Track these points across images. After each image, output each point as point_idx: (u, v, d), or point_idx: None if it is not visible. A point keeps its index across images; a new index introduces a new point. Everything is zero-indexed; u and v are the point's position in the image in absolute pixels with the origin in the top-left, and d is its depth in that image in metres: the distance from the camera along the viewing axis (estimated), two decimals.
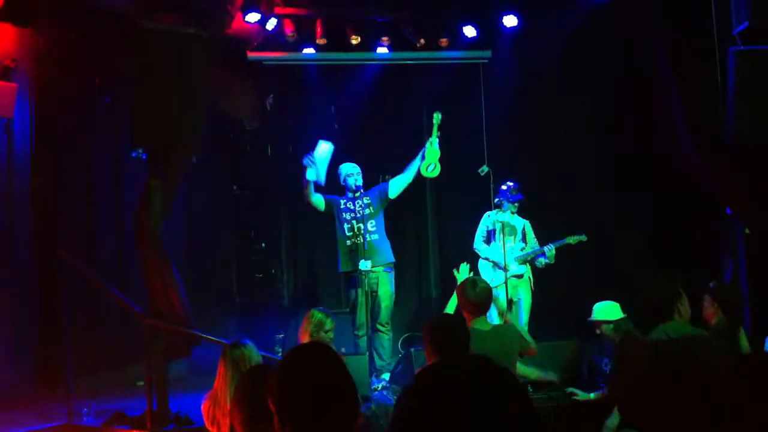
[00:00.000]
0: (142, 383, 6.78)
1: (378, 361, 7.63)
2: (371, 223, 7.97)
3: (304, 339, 5.78)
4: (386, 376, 7.64)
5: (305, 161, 7.88)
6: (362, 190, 8.04)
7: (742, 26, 7.11)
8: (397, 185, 8.12)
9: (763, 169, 7.38)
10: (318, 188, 8.09)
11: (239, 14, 8.60)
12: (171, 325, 6.83)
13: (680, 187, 8.64)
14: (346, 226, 7.95)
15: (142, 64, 7.01)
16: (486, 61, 9.76)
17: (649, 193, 9.41)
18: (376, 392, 7.06)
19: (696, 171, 7.93)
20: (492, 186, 8.32)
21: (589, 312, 6.36)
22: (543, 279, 8.41)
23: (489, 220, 8.54)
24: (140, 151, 7.66)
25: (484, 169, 8.30)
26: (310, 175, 7.90)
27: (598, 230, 9.13)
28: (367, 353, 7.51)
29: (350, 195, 8.08)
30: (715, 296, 5.47)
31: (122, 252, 8.44)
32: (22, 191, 7.65)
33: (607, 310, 6.19)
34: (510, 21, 9.19)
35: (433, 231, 10.35)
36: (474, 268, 8.39)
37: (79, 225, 8.33)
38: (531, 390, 6.94)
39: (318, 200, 8.05)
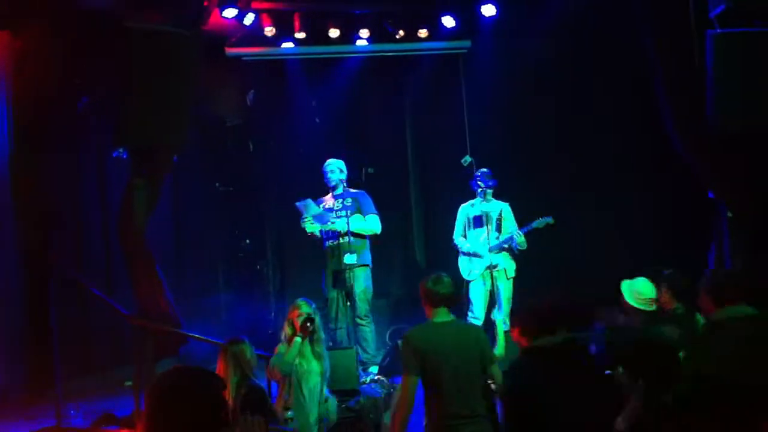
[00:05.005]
0: (130, 383, 6.77)
1: (363, 354, 7.64)
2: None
3: (285, 326, 5.83)
4: (374, 369, 7.65)
5: (305, 225, 7.91)
6: (345, 186, 8.00)
7: (718, 9, 7.11)
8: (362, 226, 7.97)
9: (744, 151, 7.42)
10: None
11: (216, 10, 8.56)
12: (158, 325, 6.83)
13: (665, 172, 8.66)
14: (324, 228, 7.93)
15: (124, 64, 6.98)
16: (465, 51, 9.76)
17: (632, 177, 9.40)
18: (365, 385, 7.08)
19: (680, 155, 7.95)
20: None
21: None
22: (531, 266, 8.39)
23: (464, 212, 8.39)
24: (121, 150, 7.65)
25: (467, 159, 8.29)
26: (312, 228, 7.92)
27: (582, 219, 9.16)
28: (355, 347, 7.51)
29: (334, 193, 8.06)
30: (670, 285, 5.68)
31: (109, 253, 8.41)
32: (2, 194, 7.58)
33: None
34: (488, 10, 9.17)
35: (418, 224, 10.36)
36: (454, 263, 8.39)
37: (65, 227, 8.27)
38: None
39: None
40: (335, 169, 8.03)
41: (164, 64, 6.99)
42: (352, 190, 8.07)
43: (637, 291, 5.83)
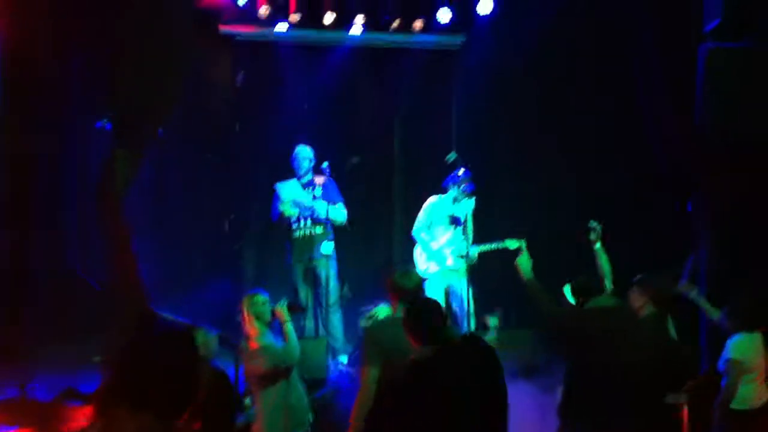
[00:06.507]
0: (99, 358, 6.70)
1: (334, 343, 7.62)
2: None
3: (245, 319, 5.57)
4: (343, 358, 7.61)
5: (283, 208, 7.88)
6: (310, 174, 8.00)
7: (713, 23, 7.13)
8: (336, 213, 7.89)
9: (730, 157, 7.37)
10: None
11: None
12: (129, 299, 6.78)
13: (652, 177, 8.57)
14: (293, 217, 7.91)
15: (115, 32, 6.95)
16: (459, 46, 9.68)
17: (618, 184, 9.27)
18: (332, 375, 7.04)
19: (669, 160, 7.90)
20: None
21: None
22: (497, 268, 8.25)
23: (440, 207, 8.09)
24: (105, 121, 7.59)
25: (452, 156, 8.22)
26: (291, 212, 7.87)
27: (565, 228, 9.05)
28: (326, 339, 7.47)
29: (301, 182, 8.02)
30: (644, 289, 5.32)
31: (83, 222, 8.30)
32: None
33: None
34: (484, 7, 9.09)
35: (400, 217, 10.28)
36: (408, 254, 8.31)
37: (42, 193, 8.16)
38: None
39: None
40: (306, 157, 7.98)
41: (155, 35, 6.96)
42: (320, 180, 8.00)
43: None
